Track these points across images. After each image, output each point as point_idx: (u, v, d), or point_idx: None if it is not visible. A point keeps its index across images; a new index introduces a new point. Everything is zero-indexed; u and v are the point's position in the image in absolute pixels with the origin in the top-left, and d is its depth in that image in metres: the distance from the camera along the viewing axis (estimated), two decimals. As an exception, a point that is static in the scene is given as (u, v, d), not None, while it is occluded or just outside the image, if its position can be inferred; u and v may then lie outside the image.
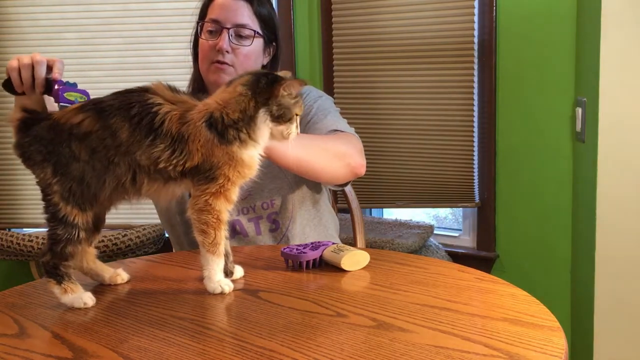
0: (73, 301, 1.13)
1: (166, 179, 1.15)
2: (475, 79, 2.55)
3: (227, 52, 1.59)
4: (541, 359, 0.88)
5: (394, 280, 1.24)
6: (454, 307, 1.08)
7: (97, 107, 1.12)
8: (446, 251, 2.67)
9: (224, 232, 1.18)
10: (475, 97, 2.56)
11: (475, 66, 2.54)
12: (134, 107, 1.11)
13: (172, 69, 2.88)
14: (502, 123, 2.55)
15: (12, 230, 2.99)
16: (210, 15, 1.63)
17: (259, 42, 1.64)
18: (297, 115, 1.19)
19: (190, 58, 1.75)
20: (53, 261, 1.14)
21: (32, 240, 2.73)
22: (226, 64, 1.60)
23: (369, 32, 2.71)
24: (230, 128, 1.13)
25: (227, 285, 1.18)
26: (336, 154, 1.54)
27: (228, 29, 1.60)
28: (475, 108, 2.57)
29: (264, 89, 1.15)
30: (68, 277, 1.15)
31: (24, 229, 3.07)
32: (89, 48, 2.93)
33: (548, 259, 2.49)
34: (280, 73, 1.23)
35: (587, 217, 2.13)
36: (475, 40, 2.52)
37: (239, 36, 1.61)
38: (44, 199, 1.14)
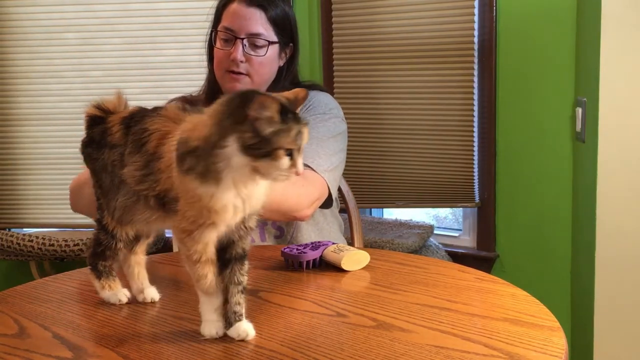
0: (109, 297, 1.14)
1: (155, 207, 1.01)
2: (475, 79, 2.55)
3: (241, 62, 1.59)
4: (541, 359, 0.88)
5: (394, 280, 1.24)
6: (454, 307, 1.08)
7: (125, 122, 1.05)
8: (446, 251, 2.67)
9: (207, 270, 0.96)
10: (475, 97, 2.56)
11: (475, 66, 2.54)
12: (137, 123, 1.02)
13: (173, 69, 2.89)
14: (502, 123, 2.55)
15: (12, 230, 2.99)
16: (224, 22, 1.62)
17: (273, 49, 1.63)
18: (284, 149, 0.88)
19: (199, 58, 1.75)
20: (92, 258, 1.14)
21: (32, 240, 2.72)
22: (241, 73, 1.60)
23: (369, 32, 2.71)
24: (188, 155, 0.91)
25: (221, 330, 0.98)
26: (279, 210, 1.46)
27: (242, 39, 1.59)
28: (475, 108, 2.57)
29: (235, 110, 0.89)
30: (107, 274, 1.14)
31: (24, 229, 3.08)
32: (89, 48, 2.93)
33: (548, 259, 2.49)
34: (288, 93, 0.94)
35: (587, 217, 2.13)
36: (475, 40, 2.52)
37: (254, 45, 1.60)
38: (97, 201, 1.12)
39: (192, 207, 0.92)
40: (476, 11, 2.50)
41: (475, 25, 2.51)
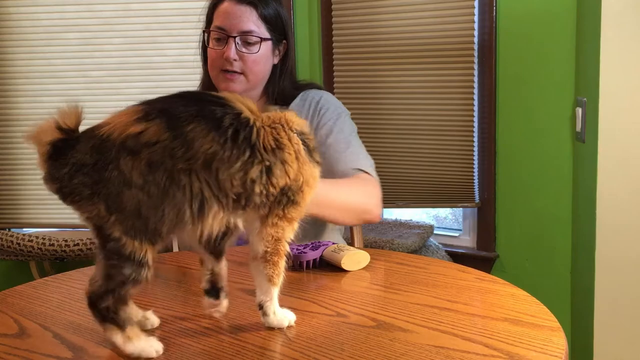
0: (143, 350, 0.91)
1: (239, 207, 0.94)
2: (475, 79, 2.55)
3: (234, 60, 1.59)
4: (541, 359, 0.88)
5: (394, 280, 1.24)
6: (454, 307, 1.08)
7: (167, 114, 0.90)
8: (446, 251, 2.67)
9: None
10: (475, 97, 2.56)
11: (475, 66, 2.54)
12: (225, 116, 0.91)
13: (174, 69, 2.89)
14: (502, 123, 2.55)
15: (12, 230, 2.99)
16: (215, 22, 1.63)
17: (266, 46, 1.63)
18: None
19: (197, 58, 1.75)
20: (115, 306, 0.90)
21: (32, 240, 2.73)
22: (236, 72, 1.60)
23: (369, 32, 2.71)
24: (315, 150, 1.00)
25: (291, 315, 1.03)
26: (355, 210, 1.52)
27: (234, 37, 1.59)
28: (475, 108, 2.57)
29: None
30: (130, 321, 0.92)
31: (24, 229, 3.08)
32: (90, 48, 2.93)
33: (548, 259, 2.49)
34: (275, 111, 0.99)
35: (587, 217, 2.13)
36: (475, 40, 2.52)
37: (246, 42, 1.60)
38: (98, 234, 0.90)
39: (310, 196, 0.98)
40: (476, 11, 2.50)
41: (475, 26, 2.51)
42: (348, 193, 1.51)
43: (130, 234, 0.88)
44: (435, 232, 2.75)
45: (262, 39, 1.61)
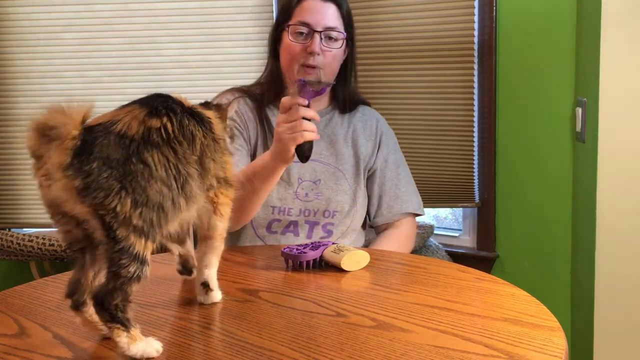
0: (145, 350, 0.92)
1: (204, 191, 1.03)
2: (475, 79, 2.55)
3: (317, 54, 1.64)
4: (541, 359, 0.88)
5: (394, 280, 1.24)
6: (454, 307, 1.08)
7: (171, 110, 0.97)
8: (446, 251, 2.67)
9: None
10: (475, 97, 2.56)
11: (475, 66, 2.53)
12: (197, 112, 1.01)
13: (173, 69, 2.88)
14: (502, 123, 2.55)
15: (12, 230, 2.99)
16: (298, 17, 1.67)
17: (344, 44, 1.70)
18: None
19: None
20: (123, 303, 0.91)
21: (32, 240, 2.72)
22: (316, 67, 1.65)
23: (368, 32, 2.70)
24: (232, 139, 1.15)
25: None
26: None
27: (320, 32, 1.64)
28: (475, 108, 2.57)
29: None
30: (134, 321, 0.93)
31: (24, 229, 3.07)
32: (89, 48, 2.93)
33: (548, 259, 2.49)
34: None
35: (587, 217, 2.13)
36: (475, 40, 2.52)
37: (328, 38, 1.66)
38: (108, 234, 0.89)
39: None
40: (476, 11, 2.50)
41: (475, 25, 2.51)
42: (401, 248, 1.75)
43: (141, 232, 0.90)
44: (435, 232, 2.75)
45: (345, 36, 1.69)
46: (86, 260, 0.94)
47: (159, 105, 0.96)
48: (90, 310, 0.95)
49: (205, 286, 1.11)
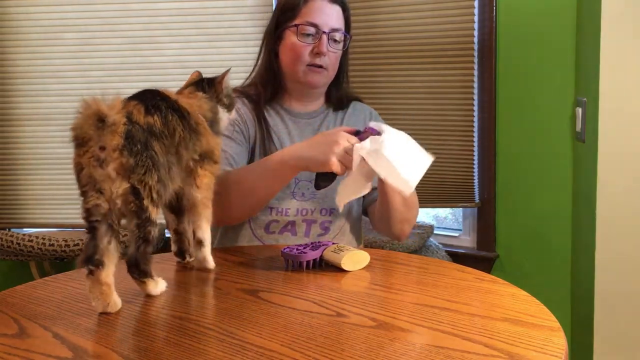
0: (162, 288, 1.17)
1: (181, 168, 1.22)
2: (475, 79, 2.55)
3: (324, 55, 1.66)
4: (541, 359, 0.88)
5: (394, 280, 1.24)
6: (454, 307, 1.08)
7: (158, 108, 1.14)
8: (446, 251, 2.67)
9: None
10: (475, 97, 2.56)
11: (475, 66, 2.54)
12: (179, 107, 1.19)
13: (173, 68, 2.89)
14: (502, 123, 2.55)
15: (12, 230, 2.99)
16: (306, 18, 1.66)
17: (346, 44, 1.73)
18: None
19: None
20: (149, 259, 1.13)
21: (32, 240, 2.73)
22: (322, 66, 1.67)
23: (368, 32, 2.71)
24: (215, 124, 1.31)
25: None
26: (414, 219, 1.71)
27: (327, 33, 1.65)
28: (475, 108, 2.57)
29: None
30: (153, 271, 1.16)
31: (24, 229, 3.08)
32: (89, 48, 2.93)
33: (548, 259, 2.49)
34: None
35: (587, 217, 2.13)
36: (475, 40, 2.52)
37: (333, 40, 1.67)
38: (141, 205, 1.07)
39: (218, 155, 1.32)
40: (476, 11, 2.50)
41: (475, 25, 2.51)
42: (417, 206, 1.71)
43: (155, 202, 1.09)
44: (435, 232, 2.75)
45: (349, 37, 1.72)
46: (102, 229, 1.07)
47: (149, 103, 1.12)
48: (107, 271, 1.08)
49: (199, 242, 1.30)
